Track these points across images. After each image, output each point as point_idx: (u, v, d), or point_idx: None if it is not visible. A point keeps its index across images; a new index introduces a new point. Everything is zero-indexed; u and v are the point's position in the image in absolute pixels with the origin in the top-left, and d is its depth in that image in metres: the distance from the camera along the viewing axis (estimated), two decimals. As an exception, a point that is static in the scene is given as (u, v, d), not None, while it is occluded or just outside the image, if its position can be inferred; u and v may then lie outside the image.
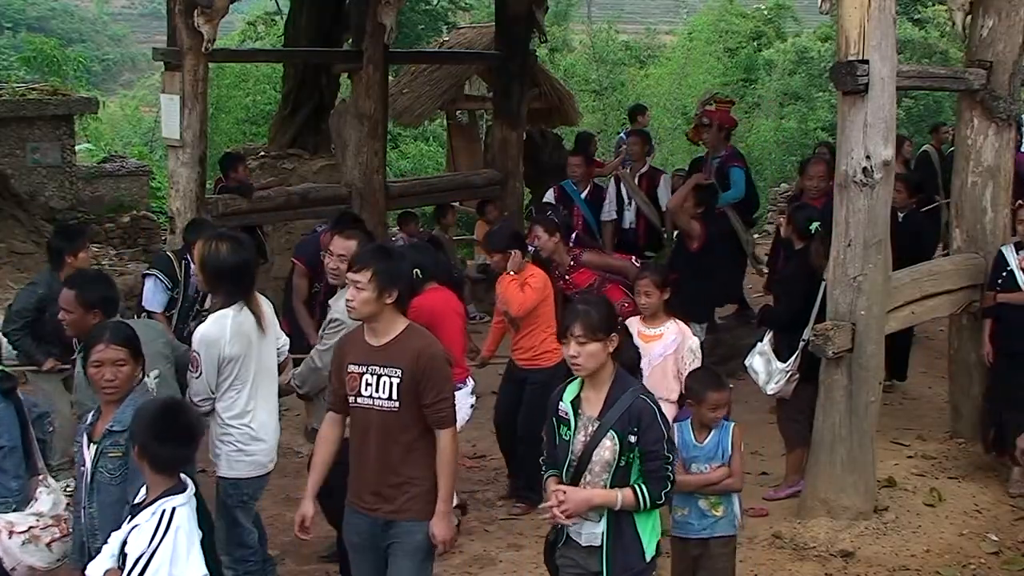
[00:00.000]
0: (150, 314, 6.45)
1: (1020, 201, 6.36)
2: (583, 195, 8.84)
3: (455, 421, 4.05)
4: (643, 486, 3.63)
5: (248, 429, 4.65)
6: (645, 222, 9.05)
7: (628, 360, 3.86)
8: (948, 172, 10.28)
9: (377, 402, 3.94)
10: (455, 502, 5.50)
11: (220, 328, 4.57)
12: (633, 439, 3.60)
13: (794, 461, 6.24)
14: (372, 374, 3.94)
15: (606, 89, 28.26)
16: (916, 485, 6.11)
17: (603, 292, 6.60)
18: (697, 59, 28.65)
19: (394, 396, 3.91)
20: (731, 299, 8.96)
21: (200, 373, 4.57)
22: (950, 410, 6.92)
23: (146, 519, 3.37)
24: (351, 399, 4.01)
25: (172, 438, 3.43)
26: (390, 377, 3.91)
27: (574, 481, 3.69)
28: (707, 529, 4.48)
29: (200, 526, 3.47)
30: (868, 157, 5.48)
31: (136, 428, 3.50)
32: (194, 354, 4.59)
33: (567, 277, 6.81)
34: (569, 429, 3.72)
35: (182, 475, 3.50)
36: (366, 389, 3.95)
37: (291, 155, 11.54)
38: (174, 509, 3.37)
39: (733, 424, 4.58)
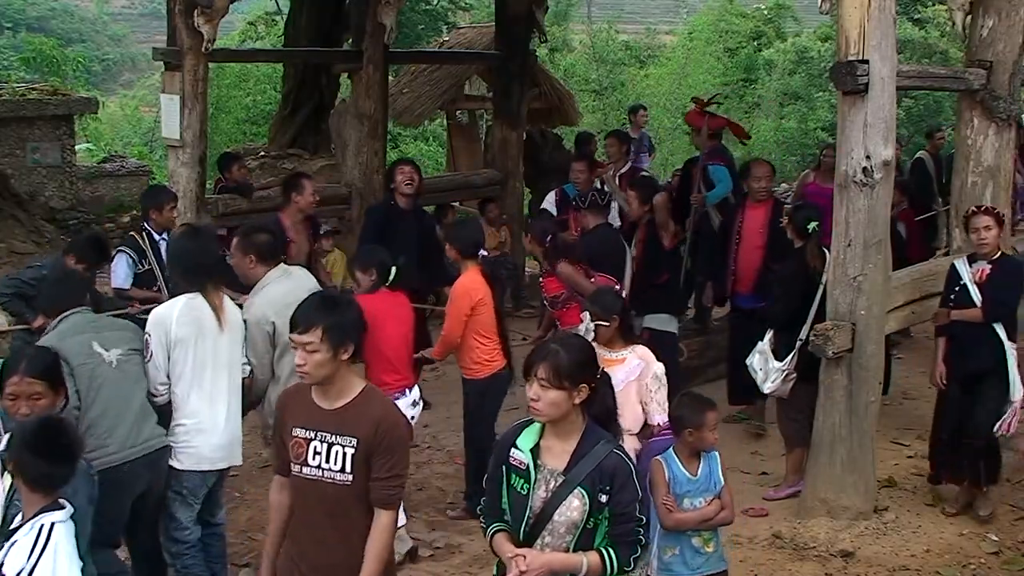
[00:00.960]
0: (119, 292, 6.58)
1: (972, 208, 5.89)
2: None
3: (400, 503, 3.58)
4: (611, 550, 3.18)
5: (185, 420, 4.59)
6: (630, 222, 9.05)
7: (602, 410, 3.34)
8: (944, 177, 10.28)
9: (327, 474, 3.41)
10: (407, 547, 5.46)
11: (169, 308, 4.57)
12: (604, 499, 3.15)
13: (794, 461, 6.24)
14: (322, 441, 3.42)
15: (606, 89, 28.27)
16: (916, 485, 6.11)
17: (566, 308, 6.50)
18: (697, 59, 28.65)
19: (347, 468, 3.39)
20: (717, 300, 8.54)
21: (150, 357, 4.52)
22: (950, 410, 6.91)
23: (24, 534, 3.18)
24: (295, 467, 3.49)
25: (48, 455, 3.25)
26: (343, 447, 3.39)
27: (529, 540, 3.25)
28: (700, 568, 4.27)
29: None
30: (868, 157, 5.48)
31: (13, 444, 3.33)
32: (146, 337, 4.55)
33: (541, 280, 6.80)
34: (527, 482, 3.24)
35: (61, 498, 3.30)
36: (314, 458, 3.43)
37: (291, 155, 11.56)
38: (53, 524, 3.19)
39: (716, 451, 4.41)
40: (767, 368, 6.10)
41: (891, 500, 5.88)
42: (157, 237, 6.75)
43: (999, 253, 5.76)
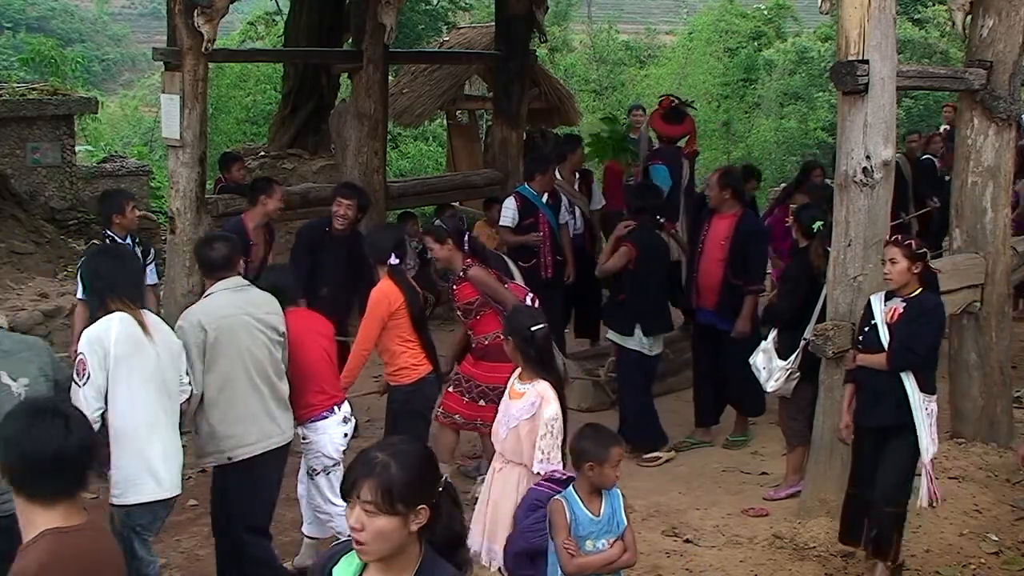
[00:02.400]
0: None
1: (896, 236, 5.25)
2: (544, 199, 8.38)
3: None
4: None
5: (126, 447, 4.32)
6: (590, 226, 9.01)
7: (448, 537, 2.55)
8: (919, 182, 10.26)
9: None
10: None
11: (105, 326, 4.33)
12: None
13: (794, 461, 6.24)
14: None
15: (606, 89, 28.28)
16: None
17: (479, 317, 6.23)
18: (697, 59, 28.66)
19: None
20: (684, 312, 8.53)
21: (87, 378, 4.25)
22: (950, 410, 6.92)
23: None
24: None
25: None
26: None
27: None
28: None
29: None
30: (868, 157, 5.48)
31: None
32: (80, 358, 4.30)
33: (454, 287, 6.36)
34: None
35: None
36: None
37: (291, 155, 11.55)
38: None
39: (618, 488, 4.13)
40: (771, 367, 6.11)
41: (891, 500, 5.86)
42: (120, 241, 6.63)
43: (918, 290, 5.08)
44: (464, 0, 25.87)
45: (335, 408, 5.41)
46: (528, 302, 6.21)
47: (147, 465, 4.37)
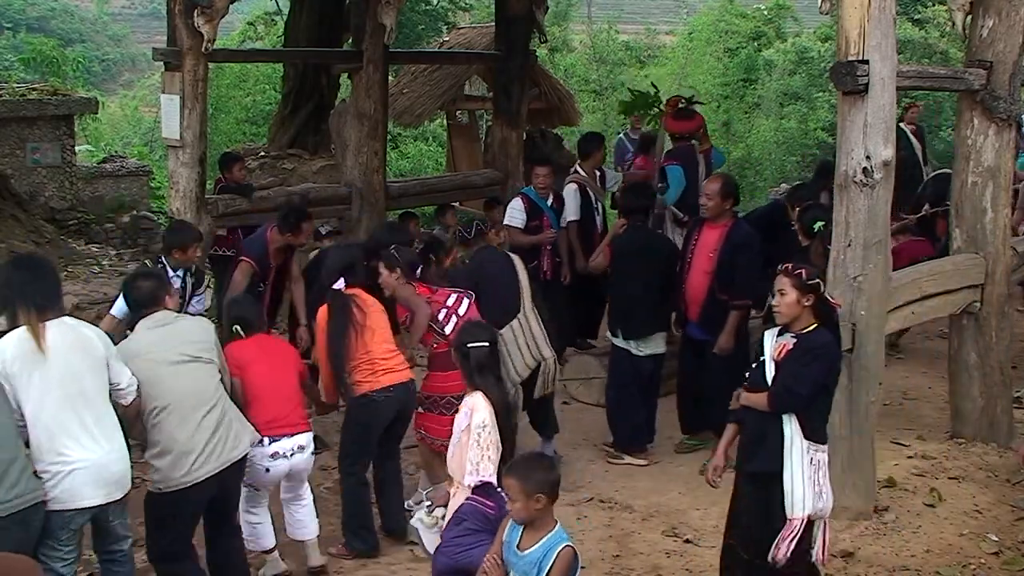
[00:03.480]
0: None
1: (786, 265, 4.67)
2: (549, 202, 8.51)
3: None
4: None
5: (45, 457, 4.27)
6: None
7: None
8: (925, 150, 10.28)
9: None
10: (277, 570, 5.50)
11: (2, 346, 4.30)
12: None
13: (794, 461, 6.23)
14: None
15: (606, 89, 28.26)
16: (916, 485, 6.10)
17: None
18: (697, 59, 28.67)
19: None
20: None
21: None
22: (950, 410, 6.92)
23: None
24: None
25: None
26: None
27: None
28: None
29: None
30: (868, 157, 5.48)
31: None
32: None
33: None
34: None
35: None
36: None
37: (291, 155, 11.56)
38: None
39: (565, 546, 3.76)
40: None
41: (891, 500, 5.87)
42: (171, 274, 6.60)
43: (811, 325, 4.58)
44: (464, 0, 25.87)
45: (264, 441, 5.28)
46: (450, 303, 6.06)
47: (53, 472, 4.28)
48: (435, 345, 5.99)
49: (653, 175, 9.23)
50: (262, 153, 11.92)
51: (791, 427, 4.50)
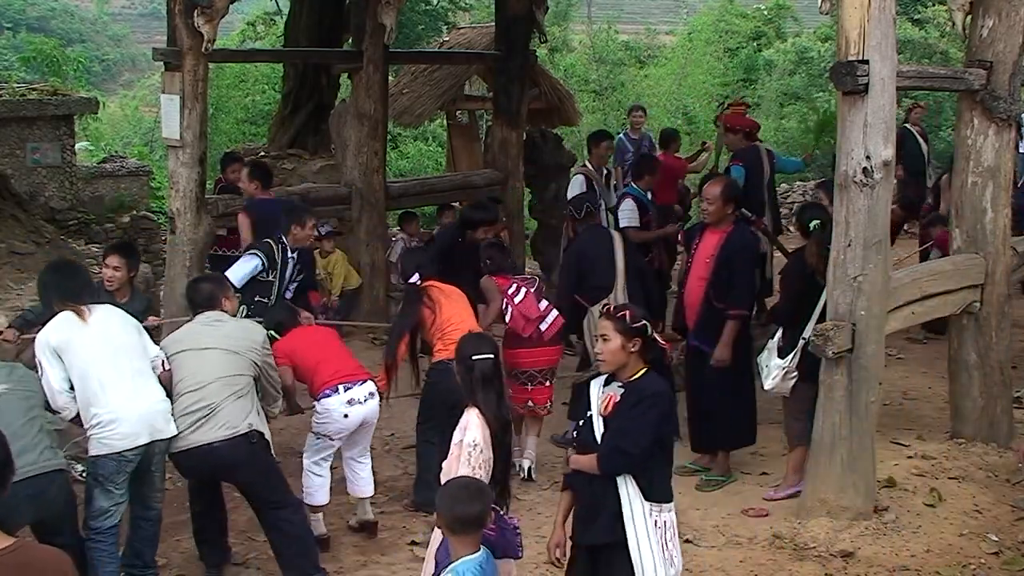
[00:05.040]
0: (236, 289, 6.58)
1: (607, 307, 4.31)
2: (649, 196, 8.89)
3: None
4: None
5: (96, 410, 4.89)
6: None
7: None
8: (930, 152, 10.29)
9: None
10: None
11: (45, 328, 5.02)
12: None
13: (795, 461, 6.23)
14: None
15: (606, 89, 28.26)
16: (916, 485, 6.10)
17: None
18: (697, 59, 28.64)
19: None
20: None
21: (42, 375, 4.89)
22: (950, 410, 6.92)
23: None
24: None
25: None
26: None
27: None
28: None
29: None
30: (868, 157, 5.48)
31: None
32: (37, 360, 4.95)
33: None
34: None
35: None
36: None
37: (291, 155, 11.53)
38: None
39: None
40: (769, 365, 6.11)
41: (891, 500, 5.87)
42: (289, 254, 6.92)
43: (640, 371, 4.10)
44: (464, 0, 25.86)
45: (339, 388, 5.78)
46: (510, 291, 6.68)
47: (111, 424, 4.86)
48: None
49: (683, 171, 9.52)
50: (262, 153, 11.89)
51: (628, 489, 4.01)
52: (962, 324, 6.69)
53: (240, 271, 6.74)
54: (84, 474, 5.32)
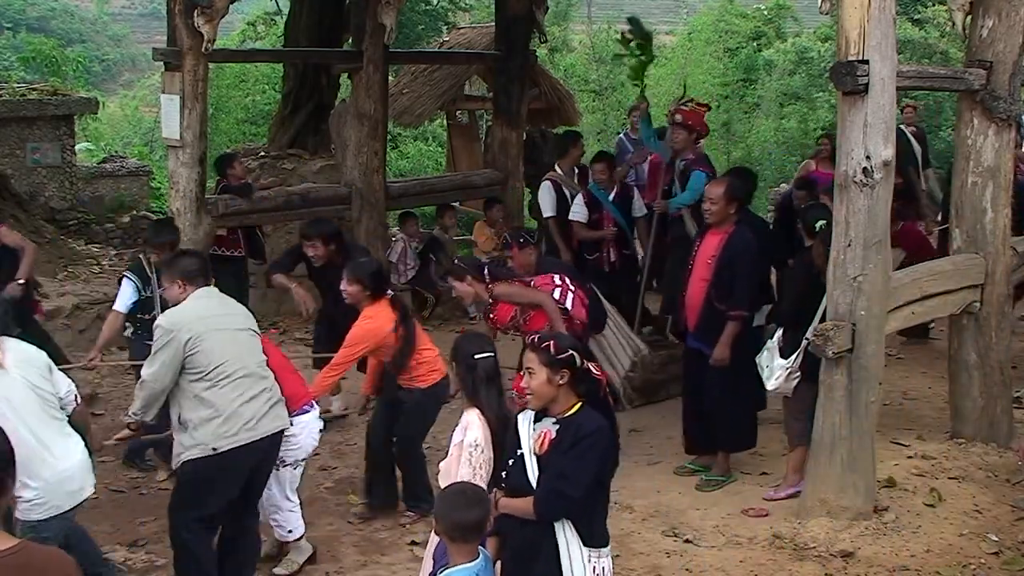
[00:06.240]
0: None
1: (532, 337, 4.10)
2: (611, 197, 8.65)
3: None
4: None
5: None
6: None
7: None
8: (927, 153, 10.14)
9: None
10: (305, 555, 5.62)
11: None
12: None
13: (795, 461, 6.23)
14: None
15: (606, 89, 28.25)
16: (916, 485, 6.10)
17: (527, 323, 6.31)
18: (697, 59, 28.63)
19: None
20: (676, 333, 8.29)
21: None
22: (950, 410, 6.92)
23: None
24: None
25: None
26: None
27: None
28: None
29: None
30: (868, 157, 5.48)
31: None
32: None
33: (491, 315, 6.45)
34: None
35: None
36: None
37: (291, 155, 11.53)
38: None
39: None
40: (772, 365, 6.10)
41: (891, 500, 5.87)
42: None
43: (574, 406, 3.84)
44: (464, 0, 25.86)
45: (315, 405, 5.62)
46: (558, 294, 6.42)
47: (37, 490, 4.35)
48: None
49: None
50: (262, 153, 11.89)
51: (565, 534, 3.76)
52: (962, 324, 6.69)
53: (123, 300, 6.65)
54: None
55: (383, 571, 5.65)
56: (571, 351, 3.84)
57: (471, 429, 4.18)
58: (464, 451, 4.14)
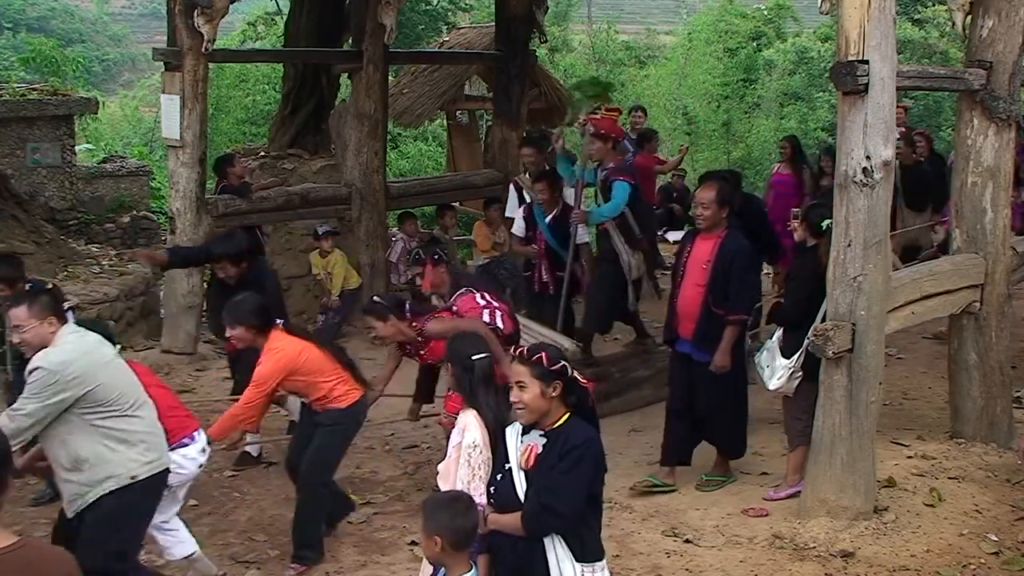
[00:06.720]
0: None
1: (521, 349, 3.87)
2: (548, 219, 8.29)
3: None
4: None
5: None
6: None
7: None
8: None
9: None
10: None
11: None
12: None
13: (796, 461, 6.23)
14: None
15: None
16: (916, 485, 6.10)
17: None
18: (697, 59, 28.65)
19: None
20: (600, 327, 8.28)
21: None
22: (950, 410, 6.92)
23: None
24: None
25: None
26: None
27: None
28: None
29: None
30: (868, 157, 5.48)
31: None
32: None
33: (422, 352, 6.14)
34: None
35: None
36: None
37: (291, 155, 11.54)
38: None
39: None
40: (773, 365, 6.09)
41: (891, 500, 5.87)
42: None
43: (562, 418, 3.74)
44: (464, 0, 25.87)
45: (195, 435, 5.28)
46: (487, 316, 6.09)
47: None
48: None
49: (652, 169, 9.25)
50: (262, 153, 11.90)
51: (556, 550, 3.67)
52: (962, 324, 6.69)
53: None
54: None
55: (383, 571, 5.65)
56: (563, 362, 3.71)
57: (469, 430, 4.14)
58: (463, 452, 4.10)
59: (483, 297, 6.25)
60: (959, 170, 6.66)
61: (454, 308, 6.17)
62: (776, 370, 6.07)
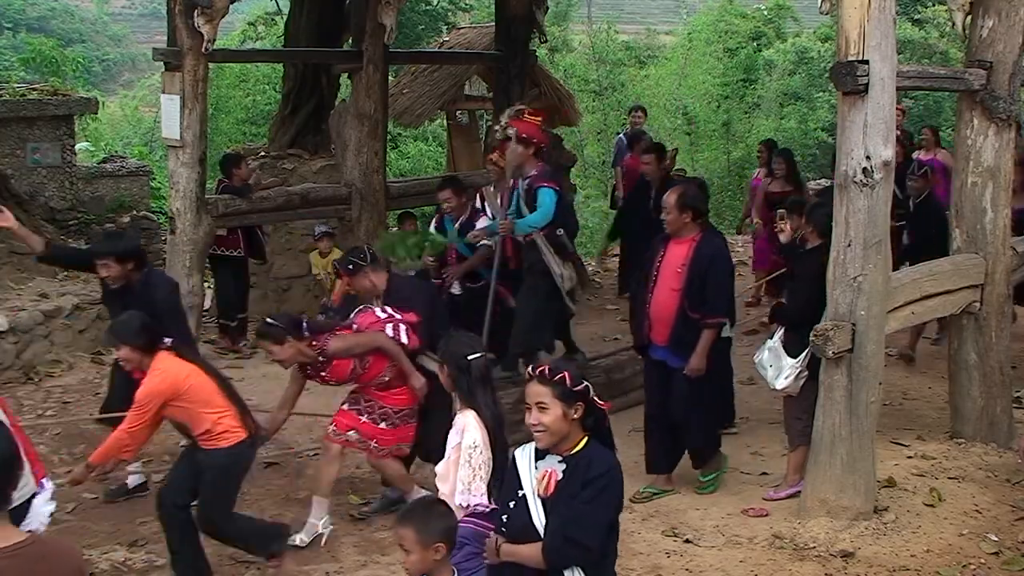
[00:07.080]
0: None
1: (541, 368, 3.60)
2: (456, 225, 8.10)
3: None
4: None
5: None
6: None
7: None
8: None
9: None
10: None
11: None
12: None
13: (796, 461, 6.23)
14: None
15: (606, 89, 28.23)
16: (916, 485, 6.11)
17: (367, 368, 5.88)
18: (697, 59, 28.61)
19: None
20: (530, 344, 7.74)
21: None
22: (950, 410, 6.93)
23: None
24: None
25: None
26: None
27: None
28: None
29: None
30: (868, 157, 5.48)
31: None
32: None
33: (323, 373, 5.93)
34: None
35: None
36: None
37: (291, 155, 11.53)
38: None
39: None
40: (779, 365, 6.06)
41: (891, 500, 5.88)
42: None
43: (581, 442, 3.54)
44: (464, 0, 25.87)
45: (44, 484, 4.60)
46: (390, 330, 5.95)
47: None
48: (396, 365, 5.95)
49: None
50: (262, 153, 11.88)
51: None
52: (962, 324, 6.69)
53: None
54: None
55: (383, 571, 5.65)
56: (585, 382, 3.53)
57: (469, 430, 4.11)
58: (463, 453, 4.07)
59: (383, 311, 6.06)
60: (959, 170, 6.66)
61: (354, 325, 5.99)
62: (783, 369, 6.06)
